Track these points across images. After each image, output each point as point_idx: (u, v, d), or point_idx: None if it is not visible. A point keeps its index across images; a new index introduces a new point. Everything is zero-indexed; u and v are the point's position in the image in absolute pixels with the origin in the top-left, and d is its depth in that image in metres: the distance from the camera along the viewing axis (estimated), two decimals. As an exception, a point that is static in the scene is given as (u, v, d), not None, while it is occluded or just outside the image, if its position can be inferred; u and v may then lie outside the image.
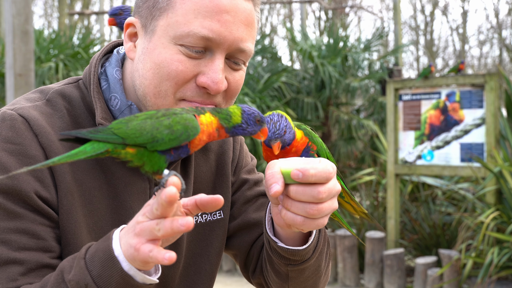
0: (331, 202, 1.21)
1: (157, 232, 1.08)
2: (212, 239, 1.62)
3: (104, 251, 1.17)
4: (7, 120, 1.35)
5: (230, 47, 1.37)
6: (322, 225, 1.22)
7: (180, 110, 1.18)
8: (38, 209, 1.32)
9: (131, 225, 1.16)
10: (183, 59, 1.35)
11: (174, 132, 1.13)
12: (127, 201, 1.44)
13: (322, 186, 1.17)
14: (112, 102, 1.46)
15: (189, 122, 1.15)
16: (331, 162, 1.22)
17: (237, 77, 1.44)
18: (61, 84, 1.51)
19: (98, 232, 1.41)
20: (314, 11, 22.84)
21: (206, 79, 1.36)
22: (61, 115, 1.42)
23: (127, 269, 1.14)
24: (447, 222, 7.35)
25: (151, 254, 1.08)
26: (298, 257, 1.40)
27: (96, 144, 1.11)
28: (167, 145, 1.13)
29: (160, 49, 1.37)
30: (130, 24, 1.47)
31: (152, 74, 1.38)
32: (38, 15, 25.92)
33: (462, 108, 6.89)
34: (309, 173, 1.15)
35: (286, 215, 1.21)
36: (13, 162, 1.31)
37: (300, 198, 1.18)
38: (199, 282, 1.61)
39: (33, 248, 1.30)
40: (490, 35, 28.16)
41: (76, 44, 10.61)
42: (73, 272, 1.18)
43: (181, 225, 1.07)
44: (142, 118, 1.15)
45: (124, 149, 1.13)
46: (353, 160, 10.36)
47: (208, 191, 1.63)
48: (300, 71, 10.71)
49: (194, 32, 1.33)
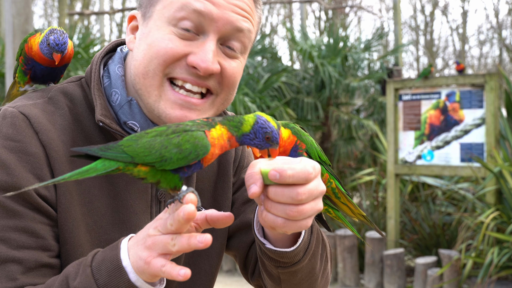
0: (313, 203, 1.16)
1: (172, 248, 1.08)
2: (213, 240, 1.61)
3: (111, 260, 1.16)
4: (7, 118, 1.36)
5: (224, 26, 1.38)
6: (305, 227, 1.18)
7: (191, 126, 1.14)
8: (37, 207, 1.32)
9: (141, 237, 1.15)
10: (174, 38, 1.37)
11: (182, 151, 1.10)
12: (127, 200, 1.44)
13: (301, 187, 1.12)
14: (113, 97, 1.47)
15: (199, 141, 1.11)
16: (314, 162, 1.17)
17: (233, 65, 1.43)
18: (64, 83, 1.52)
19: (97, 231, 1.40)
20: (314, 11, 22.84)
21: (195, 58, 1.37)
22: (63, 113, 1.42)
23: (134, 280, 1.14)
24: (447, 222, 7.35)
25: (163, 269, 1.08)
26: (286, 259, 1.36)
27: (107, 161, 1.10)
28: (175, 164, 1.10)
29: (154, 31, 1.39)
30: (133, 18, 1.50)
31: (143, 54, 1.40)
32: (38, 15, 25.93)
33: (462, 108, 6.89)
34: (287, 173, 1.11)
35: (266, 216, 1.17)
36: (13, 159, 1.31)
37: (279, 200, 1.14)
38: (198, 282, 1.60)
39: (32, 246, 1.30)
40: (490, 35, 28.17)
41: (76, 44, 10.60)
42: (78, 279, 1.18)
43: (199, 242, 1.06)
44: (152, 135, 1.12)
45: (135, 167, 1.11)
46: (353, 160, 10.36)
47: (210, 191, 1.63)
48: (300, 71, 10.70)
49: (187, 4, 1.35)
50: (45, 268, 1.32)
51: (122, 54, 1.54)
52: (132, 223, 1.44)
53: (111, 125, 1.39)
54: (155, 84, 1.39)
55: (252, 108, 8.54)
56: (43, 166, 1.33)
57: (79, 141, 1.41)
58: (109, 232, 1.42)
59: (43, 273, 1.31)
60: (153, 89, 1.40)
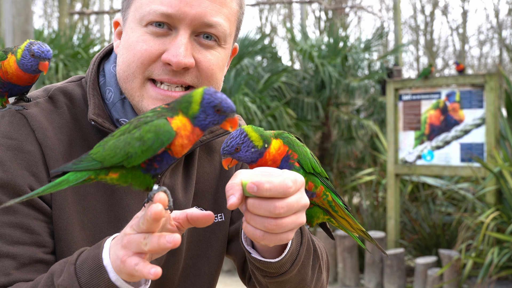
0: (294, 217, 1.14)
1: (144, 247, 1.07)
2: (212, 242, 1.61)
3: (93, 259, 1.16)
4: (6, 116, 1.40)
5: (193, 22, 1.38)
6: (286, 240, 1.16)
7: (151, 116, 1.09)
8: (32, 203, 1.33)
9: (119, 236, 1.15)
10: (148, 38, 1.38)
11: (145, 142, 1.06)
12: (123, 198, 1.45)
13: (279, 201, 1.10)
14: (107, 95, 1.49)
15: (160, 128, 1.06)
16: (296, 175, 1.14)
17: (209, 57, 1.42)
18: (65, 82, 1.55)
19: (92, 229, 1.41)
20: (314, 11, 22.84)
21: (167, 54, 1.37)
22: (61, 112, 1.45)
23: (114, 280, 1.13)
24: (447, 222, 7.35)
25: (136, 267, 1.07)
26: (272, 269, 1.35)
27: (78, 172, 1.08)
28: (142, 157, 1.07)
29: (129, 34, 1.42)
30: (117, 23, 1.53)
31: (122, 59, 1.43)
32: (38, 15, 25.92)
33: (462, 108, 6.89)
34: (264, 187, 1.09)
35: (246, 228, 1.16)
36: (9, 156, 1.33)
37: (257, 212, 1.12)
38: (198, 284, 1.60)
39: (27, 242, 1.31)
40: (490, 35, 28.16)
41: (76, 44, 10.60)
42: (62, 276, 1.18)
43: (167, 242, 1.04)
44: (117, 136, 1.10)
45: (107, 174, 1.09)
46: (353, 160, 10.36)
47: (211, 193, 1.63)
48: (300, 71, 10.71)
49: (154, 9, 1.36)
50: (39, 264, 1.33)
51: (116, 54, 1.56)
52: (127, 222, 1.44)
53: (103, 124, 1.41)
54: (136, 87, 1.41)
55: (252, 108, 8.54)
56: (38, 164, 1.35)
57: (76, 140, 1.43)
58: (104, 230, 1.42)
59: (37, 269, 1.32)
60: (134, 91, 1.42)
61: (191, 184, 1.57)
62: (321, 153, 10.43)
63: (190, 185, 1.57)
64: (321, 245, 1.56)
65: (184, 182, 1.57)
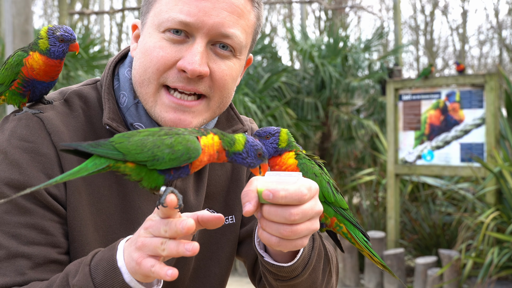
0: (309, 223, 1.17)
1: (162, 252, 1.09)
2: (223, 243, 1.64)
3: (108, 260, 1.19)
4: (23, 119, 1.42)
5: (211, 31, 1.39)
6: (300, 246, 1.19)
7: (183, 131, 1.17)
8: (47, 205, 1.36)
9: (133, 238, 1.17)
10: (165, 45, 1.40)
11: (175, 152, 1.12)
12: (135, 201, 1.47)
13: (294, 208, 1.13)
14: (121, 99, 1.51)
15: (191, 144, 1.14)
16: (311, 182, 1.17)
17: (223, 67, 1.44)
18: (80, 85, 1.57)
19: (106, 230, 1.44)
20: (314, 11, 22.84)
21: (183, 61, 1.39)
22: (76, 115, 1.48)
23: (128, 281, 1.16)
24: (447, 222, 7.35)
25: (153, 269, 1.09)
26: (284, 273, 1.37)
27: (97, 159, 1.12)
28: (167, 164, 1.12)
29: (147, 39, 1.43)
30: (135, 27, 1.55)
31: (139, 63, 1.44)
32: (38, 15, 25.91)
33: (462, 108, 6.89)
34: (279, 194, 1.12)
35: (262, 234, 1.19)
36: (26, 159, 1.36)
37: (273, 219, 1.15)
38: (208, 285, 1.62)
39: (41, 243, 1.34)
40: (490, 35, 28.16)
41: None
42: (77, 277, 1.21)
43: (187, 250, 1.07)
44: (144, 134, 1.15)
45: (124, 163, 1.13)
46: (353, 160, 10.36)
47: (222, 195, 1.64)
48: (300, 71, 10.70)
49: (173, 17, 1.38)
50: (54, 264, 1.35)
51: (132, 58, 1.58)
52: (140, 224, 1.46)
53: (117, 128, 1.44)
54: (150, 92, 1.43)
55: (252, 108, 8.53)
56: (54, 166, 1.38)
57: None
58: (117, 231, 1.45)
59: (51, 269, 1.34)
60: (148, 96, 1.44)
61: (202, 186, 1.59)
62: (321, 153, 10.43)
63: (201, 188, 1.59)
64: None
65: (196, 184, 1.59)
